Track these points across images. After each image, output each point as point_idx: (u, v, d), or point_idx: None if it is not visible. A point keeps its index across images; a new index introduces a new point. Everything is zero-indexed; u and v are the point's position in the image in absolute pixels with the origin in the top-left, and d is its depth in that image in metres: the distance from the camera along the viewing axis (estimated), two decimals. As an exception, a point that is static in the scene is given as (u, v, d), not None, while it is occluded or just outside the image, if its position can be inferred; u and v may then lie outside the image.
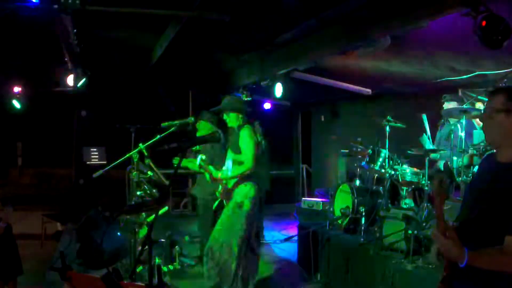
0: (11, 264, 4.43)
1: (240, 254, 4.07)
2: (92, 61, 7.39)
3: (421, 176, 4.99)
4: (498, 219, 1.91)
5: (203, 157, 4.34)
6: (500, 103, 2.02)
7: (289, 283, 5.31)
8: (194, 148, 5.26)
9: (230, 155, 4.27)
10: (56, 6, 4.21)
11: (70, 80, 7.89)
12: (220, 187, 4.40)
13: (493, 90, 2.16)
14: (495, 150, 2.14)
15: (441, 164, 5.37)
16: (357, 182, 5.91)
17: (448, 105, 5.41)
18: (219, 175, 4.22)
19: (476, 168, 4.65)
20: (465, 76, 6.02)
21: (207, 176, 4.40)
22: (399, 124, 5.44)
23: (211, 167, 4.33)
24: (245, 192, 4.13)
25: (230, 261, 4.04)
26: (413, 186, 5.19)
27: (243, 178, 4.17)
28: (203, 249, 5.84)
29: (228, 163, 4.25)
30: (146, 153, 4.66)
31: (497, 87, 2.21)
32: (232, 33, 5.73)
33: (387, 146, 5.35)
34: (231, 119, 4.28)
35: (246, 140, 4.09)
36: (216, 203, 4.70)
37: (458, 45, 4.90)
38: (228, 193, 4.25)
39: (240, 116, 4.26)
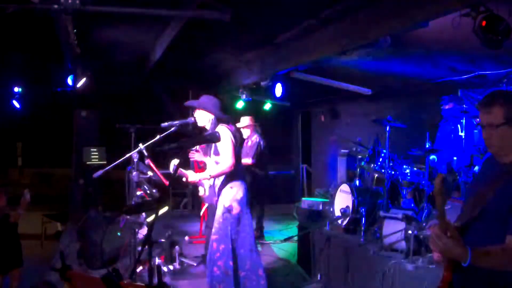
0: (13, 254, 4.51)
1: (242, 257, 4.06)
2: (92, 61, 7.39)
3: (421, 176, 4.99)
4: (500, 218, 1.91)
5: (176, 161, 4.28)
6: (501, 116, 1.97)
7: (289, 283, 5.31)
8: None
9: (211, 157, 4.24)
10: (56, 6, 4.21)
11: (70, 80, 7.91)
12: (206, 190, 4.36)
13: (487, 101, 2.05)
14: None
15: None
16: (357, 182, 5.91)
17: (446, 106, 5.42)
18: (198, 176, 4.14)
19: (476, 168, 4.66)
20: (465, 76, 6.03)
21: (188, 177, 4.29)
22: (399, 124, 5.44)
23: (190, 171, 4.29)
24: (232, 195, 4.08)
25: (235, 266, 4.03)
26: (413, 186, 5.19)
27: (229, 180, 4.11)
28: (207, 248, 5.86)
29: (210, 165, 4.23)
30: (146, 153, 4.66)
31: (488, 96, 2.10)
32: (232, 33, 5.73)
33: (387, 146, 5.35)
34: (201, 117, 4.21)
35: (222, 139, 4.06)
36: (204, 208, 4.66)
37: (458, 45, 4.90)
38: (217, 195, 4.21)
39: (211, 117, 4.17)
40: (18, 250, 4.62)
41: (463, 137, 4.71)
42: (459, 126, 4.86)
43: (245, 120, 6.97)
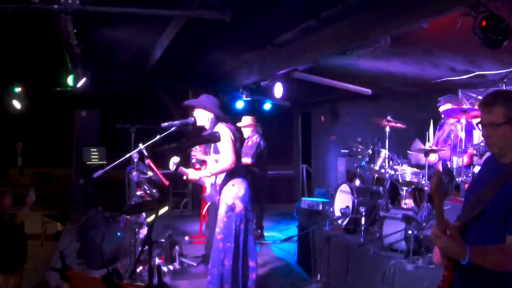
0: (19, 254, 4.58)
1: (242, 256, 4.06)
2: (92, 61, 7.39)
3: (421, 176, 4.99)
4: (500, 219, 1.91)
5: (176, 159, 4.26)
6: (501, 115, 1.97)
7: (289, 283, 5.31)
8: None
9: (211, 156, 4.22)
10: (56, 6, 4.21)
11: (70, 80, 7.91)
12: (207, 188, 4.33)
13: (488, 101, 2.05)
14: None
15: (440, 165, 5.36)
16: (357, 182, 5.91)
17: (444, 107, 5.41)
18: (199, 174, 4.13)
19: (476, 168, 4.65)
20: (465, 76, 6.03)
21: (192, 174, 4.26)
22: (399, 124, 5.44)
23: (190, 169, 4.28)
24: (234, 193, 4.08)
25: (232, 264, 4.03)
26: (413, 186, 5.19)
27: (230, 178, 4.11)
28: (209, 248, 5.86)
29: (210, 163, 4.22)
30: (146, 153, 4.66)
31: (489, 96, 2.10)
32: (232, 33, 5.73)
33: (387, 146, 5.35)
34: (200, 116, 4.21)
35: (222, 138, 4.05)
36: (205, 209, 4.63)
37: (458, 45, 4.90)
38: (218, 193, 4.19)
39: (211, 116, 4.18)
40: (24, 250, 4.69)
41: (463, 137, 4.71)
42: (458, 126, 4.86)
43: (246, 120, 6.98)
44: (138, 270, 4.91)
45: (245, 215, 4.11)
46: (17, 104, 8.79)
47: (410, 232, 4.04)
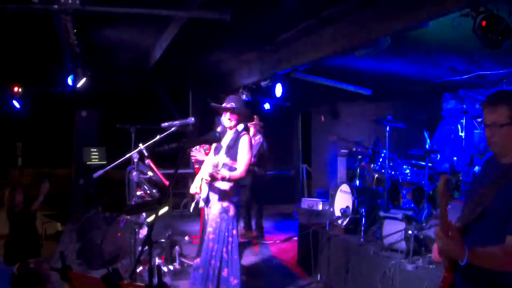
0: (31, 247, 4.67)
1: (229, 259, 4.05)
2: (92, 61, 7.39)
3: (421, 176, 4.99)
4: (500, 219, 1.91)
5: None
6: (506, 116, 1.98)
7: (289, 283, 5.32)
8: None
9: (222, 156, 4.12)
10: (56, 6, 4.21)
11: (70, 80, 7.90)
12: (204, 188, 4.25)
13: (492, 100, 2.05)
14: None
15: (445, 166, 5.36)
16: (357, 182, 5.91)
17: (448, 104, 5.42)
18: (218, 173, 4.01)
19: (476, 169, 4.66)
20: (465, 76, 6.03)
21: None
22: (399, 124, 5.44)
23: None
24: (230, 196, 4.06)
25: (221, 267, 4.01)
26: (413, 186, 5.19)
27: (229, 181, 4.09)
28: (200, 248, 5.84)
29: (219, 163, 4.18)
30: (146, 153, 4.66)
31: (494, 95, 2.10)
32: (232, 33, 5.73)
33: (387, 146, 5.35)
34: (230, 120, 4.12)
35: (246, 149, 4.04)
36: (193, 204, 4.54)
37: (458, 45, 4.90)
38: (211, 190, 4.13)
39: (241, 123, 4.18)
40: (36, 244, 4.77)
41: (463, 137, 4.71)
42: (459, 126, 4.87)
43: None
44: (138, 270, 4.91)
45: (236, 220, 4.11)
46: (17, 104, 8.79)
47: (410, 232, 4.05)
